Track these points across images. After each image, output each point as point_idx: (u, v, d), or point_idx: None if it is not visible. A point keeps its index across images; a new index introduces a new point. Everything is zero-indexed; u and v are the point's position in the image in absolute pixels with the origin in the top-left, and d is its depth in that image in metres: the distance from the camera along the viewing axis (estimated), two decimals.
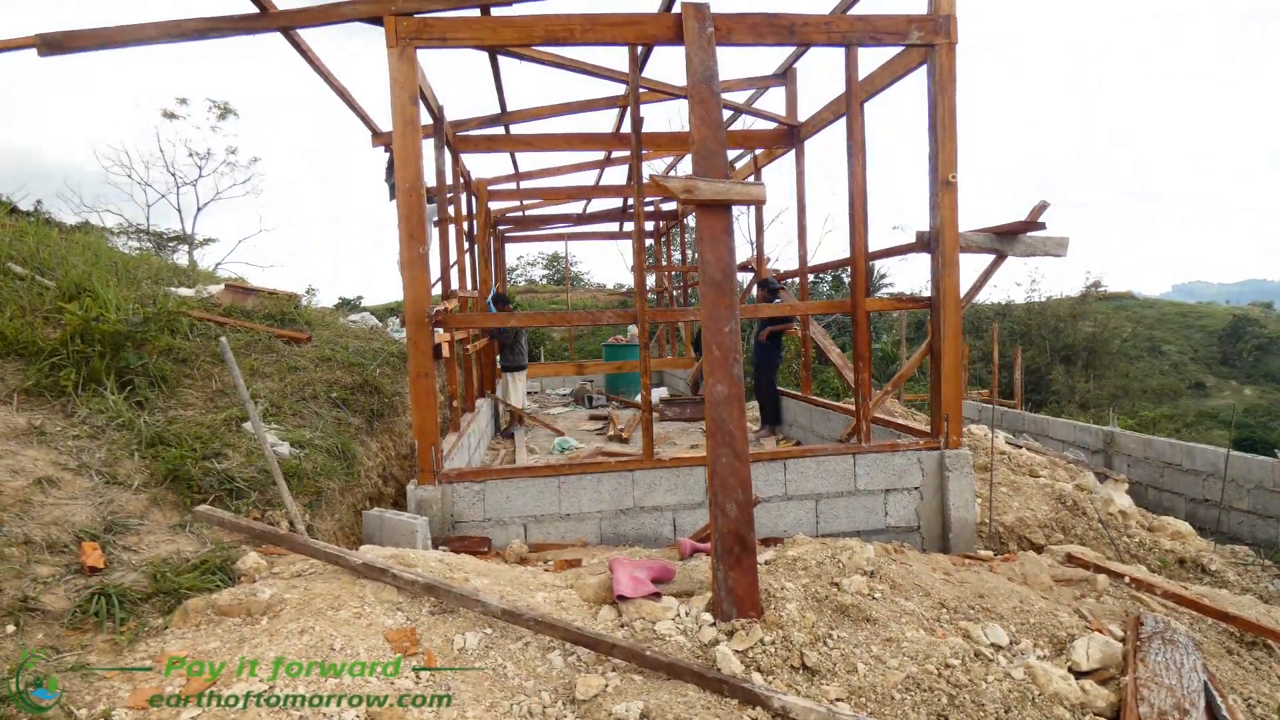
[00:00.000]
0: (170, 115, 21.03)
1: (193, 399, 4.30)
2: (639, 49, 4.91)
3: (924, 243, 4.81)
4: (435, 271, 5.95)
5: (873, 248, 5.38)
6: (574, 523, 4.61)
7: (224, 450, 3.80)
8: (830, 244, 22.10)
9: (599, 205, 12.25)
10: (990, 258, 5.31)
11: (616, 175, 17.16)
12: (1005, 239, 5.16)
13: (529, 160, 9.38)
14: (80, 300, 4.13)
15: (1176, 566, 5.87)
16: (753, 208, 8.63)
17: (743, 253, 10.63)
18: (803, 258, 7.22)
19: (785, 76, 7.03)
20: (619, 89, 7.14)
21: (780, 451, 4.90)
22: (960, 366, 4.92)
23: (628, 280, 28.94)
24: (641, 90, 5.55)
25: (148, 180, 21.48)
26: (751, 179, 8.02)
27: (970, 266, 5.06)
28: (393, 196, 5.40)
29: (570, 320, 5.63)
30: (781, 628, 2.79)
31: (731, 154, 8.12)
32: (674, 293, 14.35)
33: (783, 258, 20.86)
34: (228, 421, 4.09)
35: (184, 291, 5.97)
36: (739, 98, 7.42)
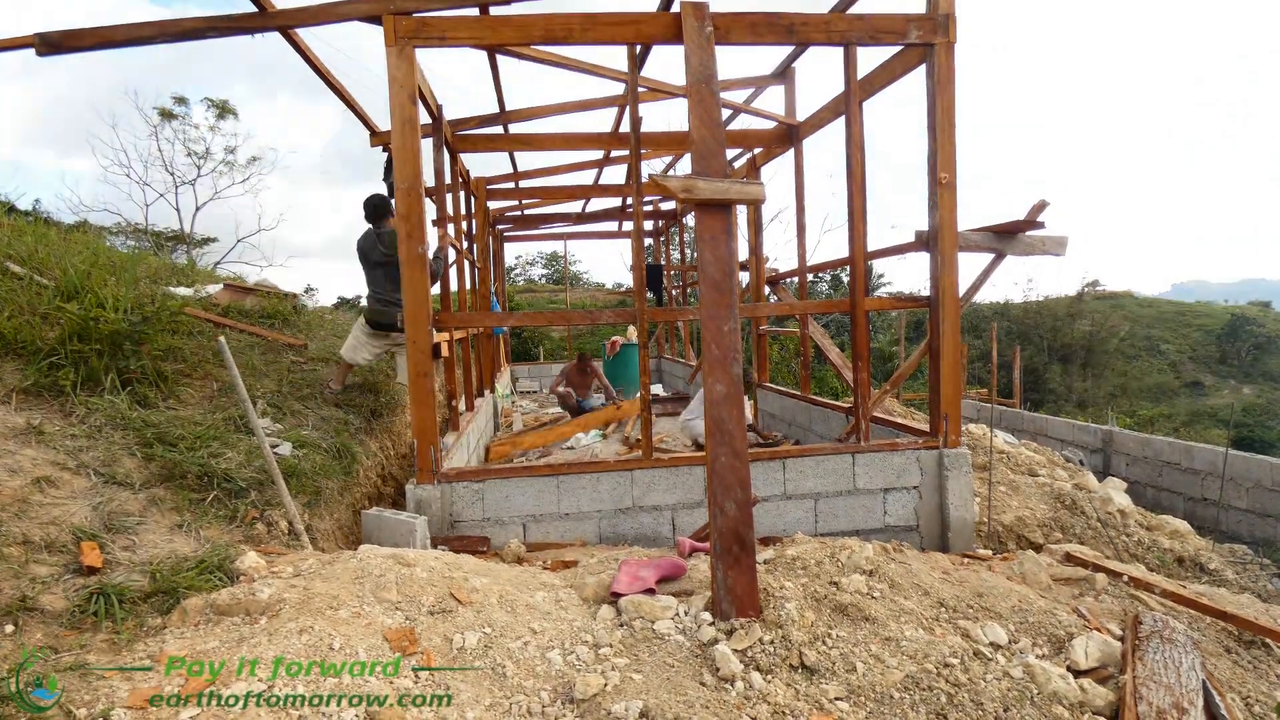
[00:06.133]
0: (168, 115, 21.02)
1: (191, 398, 4.30)
2: (638, 48, 4.90)
3: (923, 242, 4.82)
4: None
5: (871, 247, 5.38)
6: (573, 522, 4.61)
7: (223, 450, 3.80)
8: (829, 243, 22.14)
9: (598, 204, 12.25)
10: (989, 257, 5.31)
11: (615, 174, 17.17)
12: (1004, 238, 5.16)
13: (528, 159, 9.37)
14: (80, 299, 4.13)
15: (1175, 565, 5.88)
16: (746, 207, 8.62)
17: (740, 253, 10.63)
18: (801, 257, 7.22)
19: (784, 76, 7.02)
20: (618, 88, 7.13)
21: (779, 451, 4.90)
22: (959, 366, 4.92)
23: (627, 280, 28.96)
24: (640, 89, 5.55)
25: (146, 180, 21.49)
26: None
27: (969, 266, 5.07)
28: (391, 196, 5.40)
29: (569, 320, 5.63)
30: (780, 627, 2.79)
31: (730, 153, 8.12)
32: (673, 292, 14.35)
33: (781, 257, 20.89)
34: (226, 421, 4.09)
35: (182, 291, 5.97)
36: (737, 97, 7.41)
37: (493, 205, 10.73)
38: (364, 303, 5.79)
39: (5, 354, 3.84)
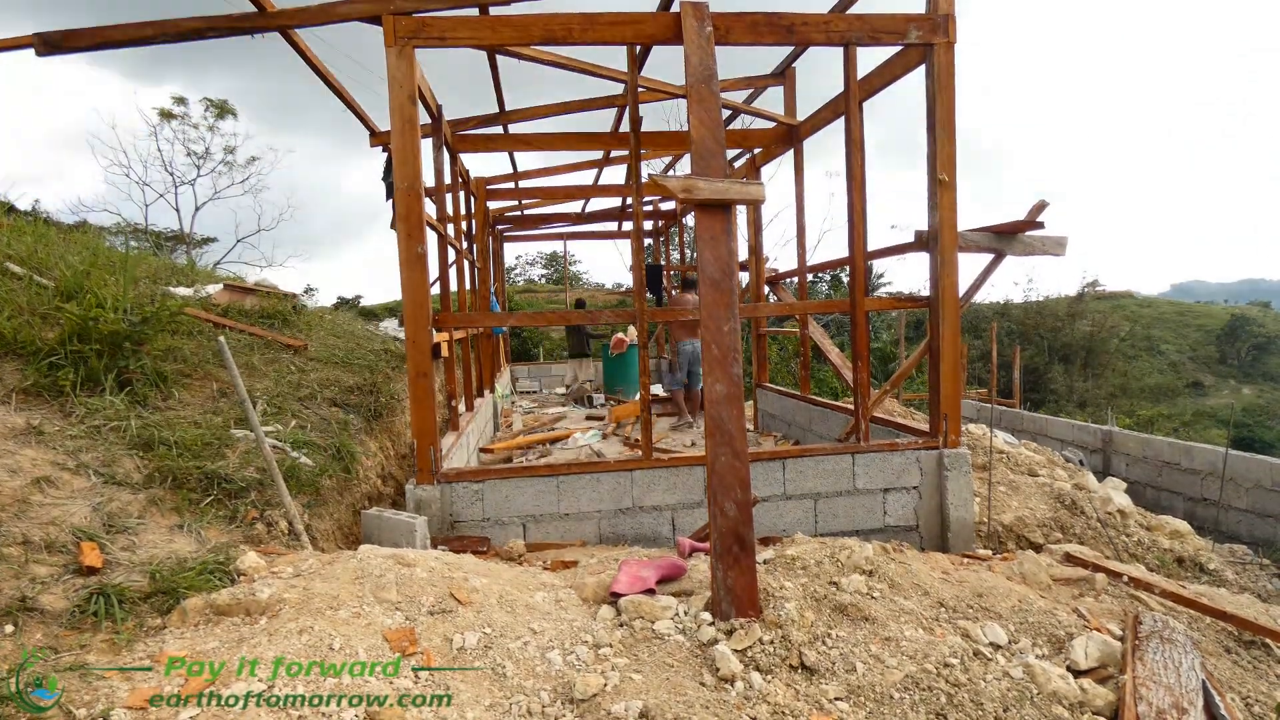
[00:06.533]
0: (168, 115, 21.03)
1: (191, 399, 4.30)
2: (637, 48, 4.90)
3: (922, 242, 4.82)
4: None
5: (871, 247, 5.38)
6: (573, 522, 4.61)
7: (223, 450, 3.80)
8: (829, 243, 22.14)
9: (598, 204, 12.25)
10: (989, 257, 5.31)
11: (615, 175, 17.18)
12: (1004, 238, 5.16)
13: (528, 159, 9.41)
14: (79, 299, 4.13)
15: (1175, 565, 5.88)
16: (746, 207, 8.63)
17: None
18: (801, 257, 7.23)
19: (784, 76, 7.03)
20: (618, 88, 7.14)
21: (779, 451, 4.90)
22: (959, 366, 4.92)
23: (626, 280, 28.96)
24: (640, 89, 5.55)
25: (146, 180, 21.50)
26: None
27: (969, 266, 5.07)
28: (390, 196, 5.40)
29: (569, 320, 5.64)
30: (780, 627, 2.79)
31: (730, 153, 8.12)
32: (673, 292, 14.34)
33: (781, 257, 20.90)
34: (226, 422, 4.09)
35: (182, 291, 5.96)
36: (737, 97, 7.41)
37: (492, 205, 10.73)
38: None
39: (5, 354, 3.83)
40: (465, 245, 7.67)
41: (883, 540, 4.22)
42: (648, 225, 13.58)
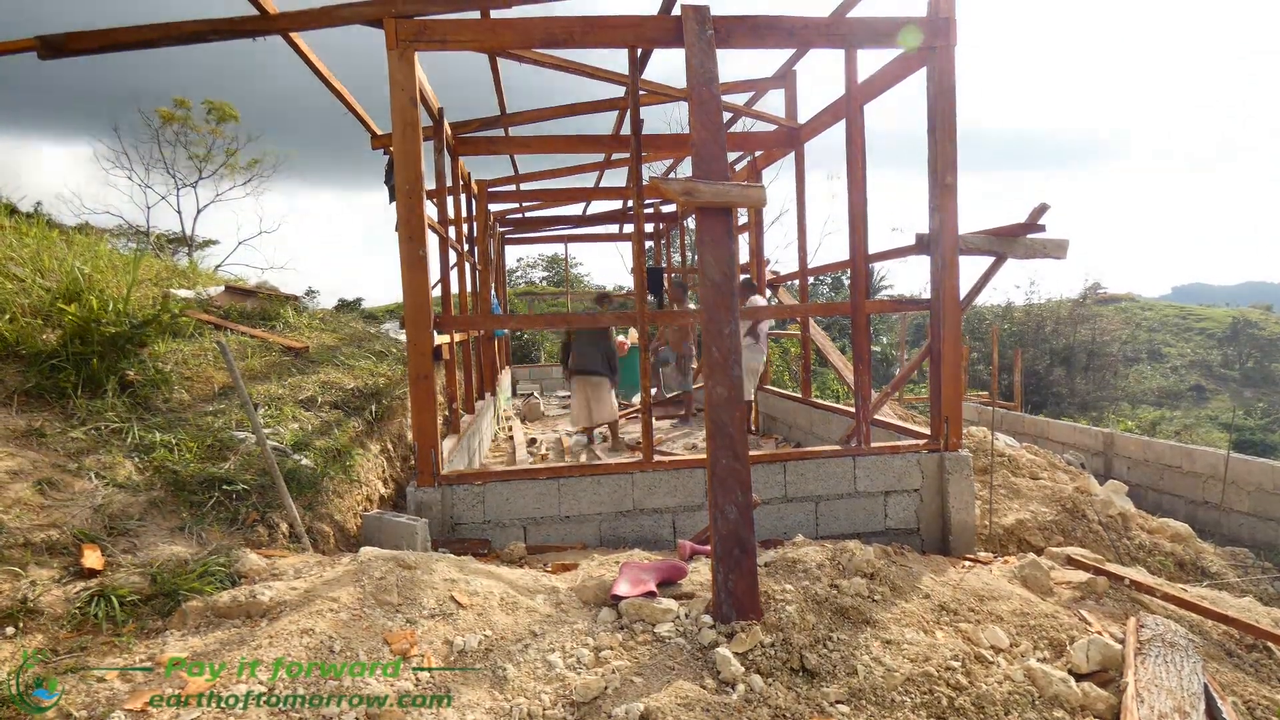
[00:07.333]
0: (169, 117, 21.07)
1: (192, 401, 4.30)
2: (639, 51, 4.91)
3: (924, 245, 4.81)
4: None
5: (873, 250, 5.38)
6: (574, 525, 4.60)
7: (224, 453, 3.80)
8: (830, 246, 22.17)
9: (599, 207, 12.27)
10: (990, 260, 5.31)
11: (616, 177, 17.23)
12: (1005, 241, 5.15)
13: (529, 162, 9.39)
14: (81, 302, 4.13)
15: (1176, 569, 5.86)
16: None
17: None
18: (802, 260, 7.23)
19: (785, 79, 7.04)
20: (619, 91, 7.15)
21: (780, 454, 4.90)
22: (960, 369, 4.92)
23: (627, 282, 28.97)
24: (641, 92, 5.55)
25: (147, 182, 21.55)
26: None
27: (970, 269, 5.07)
28: (392, 199, 5.40)
29: (570, 322, 5.64)
30: (781, 630, 2.79)
31: (731, 155, 8.13)
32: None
33: (782, 259, 20.92)
34: (227, 424, 4.09)
35: (184, 293, 5.97)
36: (739, 100, 7.43)
37: (494, 208, 10.74)
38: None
39: (6, 357, 3.84)
40: (466, 248, 7.67)
41: (884, 543, 4.22)
42: (649, 228, 13.60)
